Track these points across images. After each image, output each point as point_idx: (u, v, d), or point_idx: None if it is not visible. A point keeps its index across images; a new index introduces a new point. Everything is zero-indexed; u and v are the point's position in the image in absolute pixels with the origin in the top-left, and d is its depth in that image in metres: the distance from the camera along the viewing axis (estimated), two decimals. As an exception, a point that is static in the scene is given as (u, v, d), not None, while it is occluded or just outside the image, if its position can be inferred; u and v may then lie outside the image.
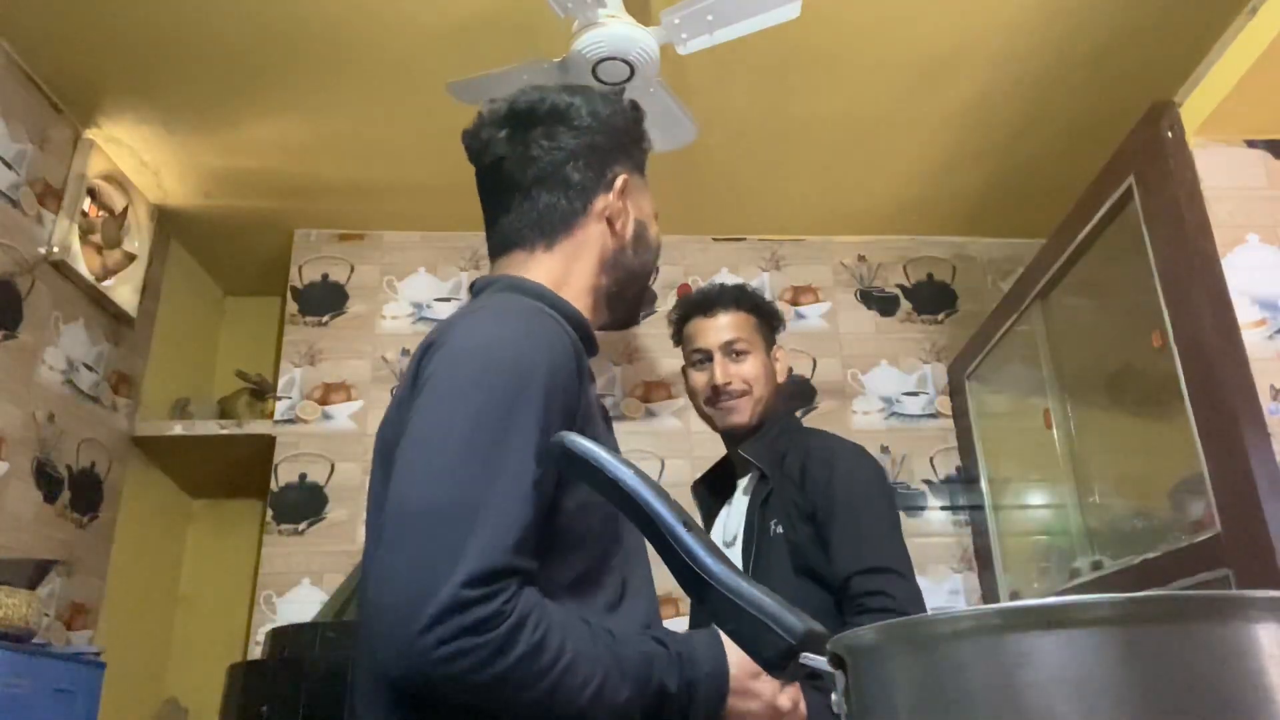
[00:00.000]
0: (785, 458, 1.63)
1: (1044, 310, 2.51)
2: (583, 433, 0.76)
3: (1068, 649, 0.38)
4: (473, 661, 0.72)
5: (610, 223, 1.05)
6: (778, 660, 0.55)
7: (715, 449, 1.85)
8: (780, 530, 1.55)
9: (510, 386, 0.82)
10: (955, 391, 3.03)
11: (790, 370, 1.72)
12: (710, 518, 1.79)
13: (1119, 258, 2.09)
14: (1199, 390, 1.75)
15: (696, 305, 1.76)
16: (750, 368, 1.69)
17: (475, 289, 1.05)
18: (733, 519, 1.69)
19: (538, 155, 1.03)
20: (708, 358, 1.70)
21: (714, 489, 1.82)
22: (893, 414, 3.05)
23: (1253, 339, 1.71)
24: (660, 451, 2.94)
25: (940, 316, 3.22)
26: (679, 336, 1.81)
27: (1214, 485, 1.70)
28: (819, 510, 1.53)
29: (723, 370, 1.68)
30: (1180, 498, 1.88)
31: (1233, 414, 1.67)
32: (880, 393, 3.07)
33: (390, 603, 0.74)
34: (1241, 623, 0.38)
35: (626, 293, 1.08)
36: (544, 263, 1.02)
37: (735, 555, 1.60)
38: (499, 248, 1.06)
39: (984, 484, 2.83)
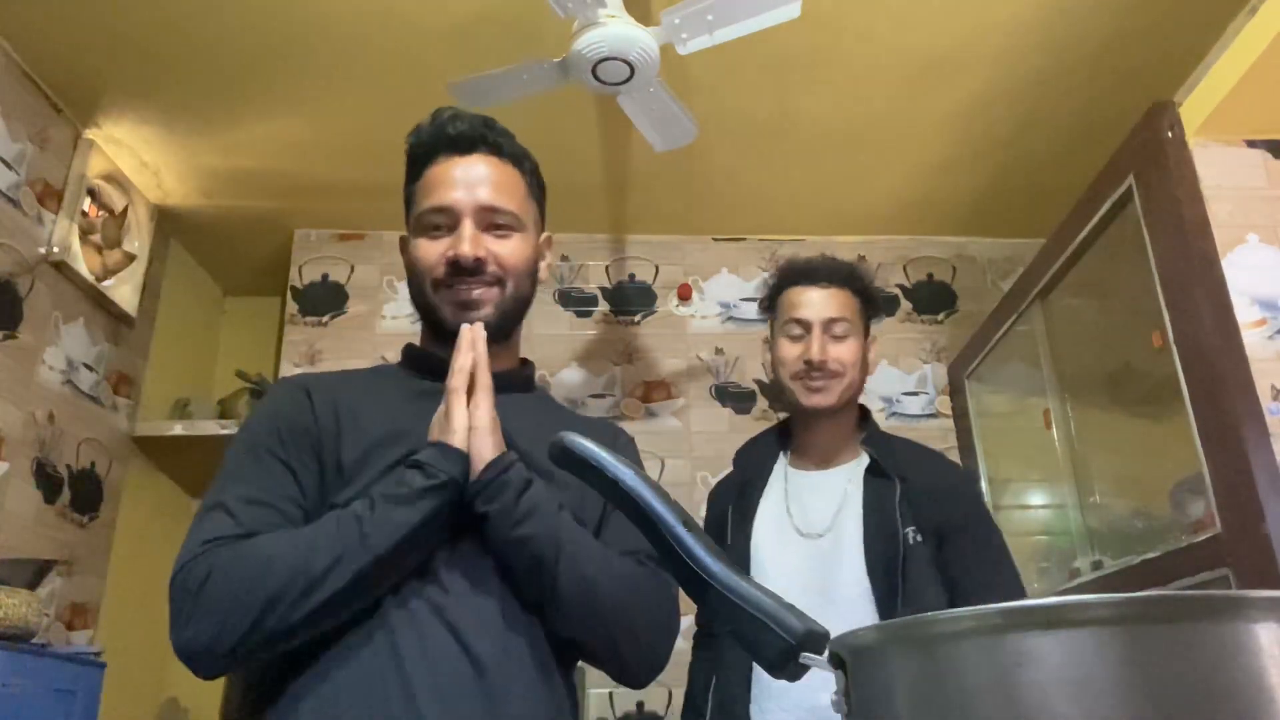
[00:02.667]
0: (895, 458, 1.52)
1: (1044, 310, 2.51)
2: (338, 430, 1.00)
3: (1068, 649, 0.38)
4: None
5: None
6: (778, 660, 0.55)
7: (715, 449, 1.85)
8: (919, 540, 1.41)
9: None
10: (955, 391, 3.03)
11: (877, 364, 1.58)
12: (747, 488, 1.62)
13: (1119, 258, 2.09)
14: (1199, 390, 1.75)
15: (803, 274, 1.62)
16: (849, 351, 1.55)
17: None
18: (816, 510, 1.52)
19: None
20: (807, 330, 1.57)
21: (752, 464, 1.67)
22: (893, 414, 3.05)
23: (1253, 339, 1.71)
24: (660, 451, 2.94)
25: (940, 316, 3.22)
26: (772, 301, 1.68)
27: (1214, 485, 1.70)
28: (944, 528, 1.43)
29: (820, 347, 1.54)
30: (1180, 498, 1.88)
31: (1233, 414, 1.66)
32: (880, 393, 3.07)
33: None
34: (1241, 623, 0.38)
35: (425, 321, 1.14)
36: None
37: (838, 550, 1.45)
38: None
39: (984, 484, 2.83)
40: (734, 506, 1.60)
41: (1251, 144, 1.88)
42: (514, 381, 1.12)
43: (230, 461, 1.00)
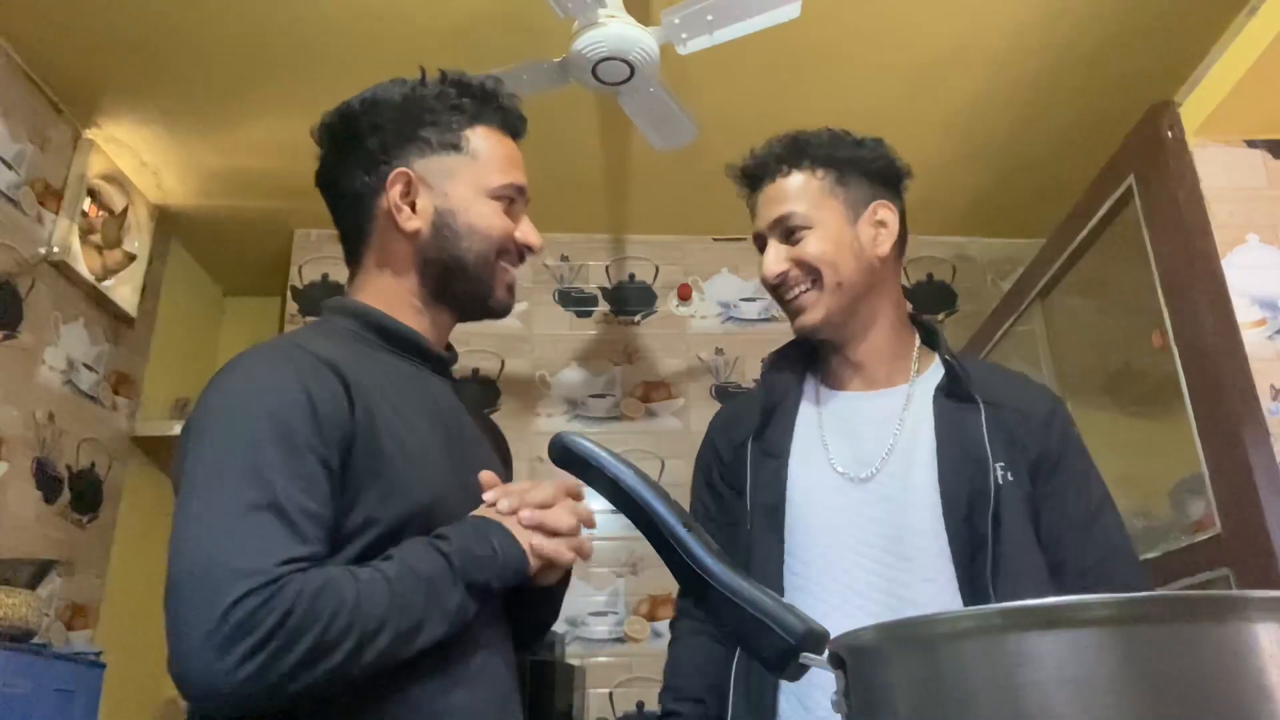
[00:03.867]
0: (974, 376, 1.20)
1: (1044, 310, 2.51)
2: (377, 444, 0.88)
3: (1068, 649, 0.38)
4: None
5: (396, 223, 1.01)
6: (778, 660, 0.55)
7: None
8: (1011, 478, 1.12)
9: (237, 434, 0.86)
10: (955, 391, 3.02)
11: (904, 237, 1.25)
12: (776, 417, 1.26)
13: (1119, 258, 2.09)
14: (1199, 390, 1.75)
15: (743, 180, 1.30)
16: (814, 243, 1.19)
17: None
18: (865, 443, 1.19)
19: (323, 171, 1.07)
20: (763, 245, 1.25)
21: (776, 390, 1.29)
22: (893, 414, 3.05)
23: (1253, 339, 1.71)
24: (660, 451, 2.94)
25: (940, 316, 3.22)
26: None
27: (1214, 485, 1.70)
28: (1039, 463, 1.14)
29: (774, 257, 1.22)
30: (1180, 498, 1.88)
31: (1233, 414, 1.66)
32: (880, 393, 3.07)
33: None
34: (1241, 623, 0.38)
35: (455, 287, 1.03)
36: (365, 280, 1.04)
37: (904, 493, 1.15)
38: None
39: (984, 484, 2.83)
40: (755, 440, 1.24)
41: (1251, 144, 1.88)
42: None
43: (262, 440, 0.82)
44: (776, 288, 1.23)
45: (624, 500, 0.64)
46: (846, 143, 1.26)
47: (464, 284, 1.03)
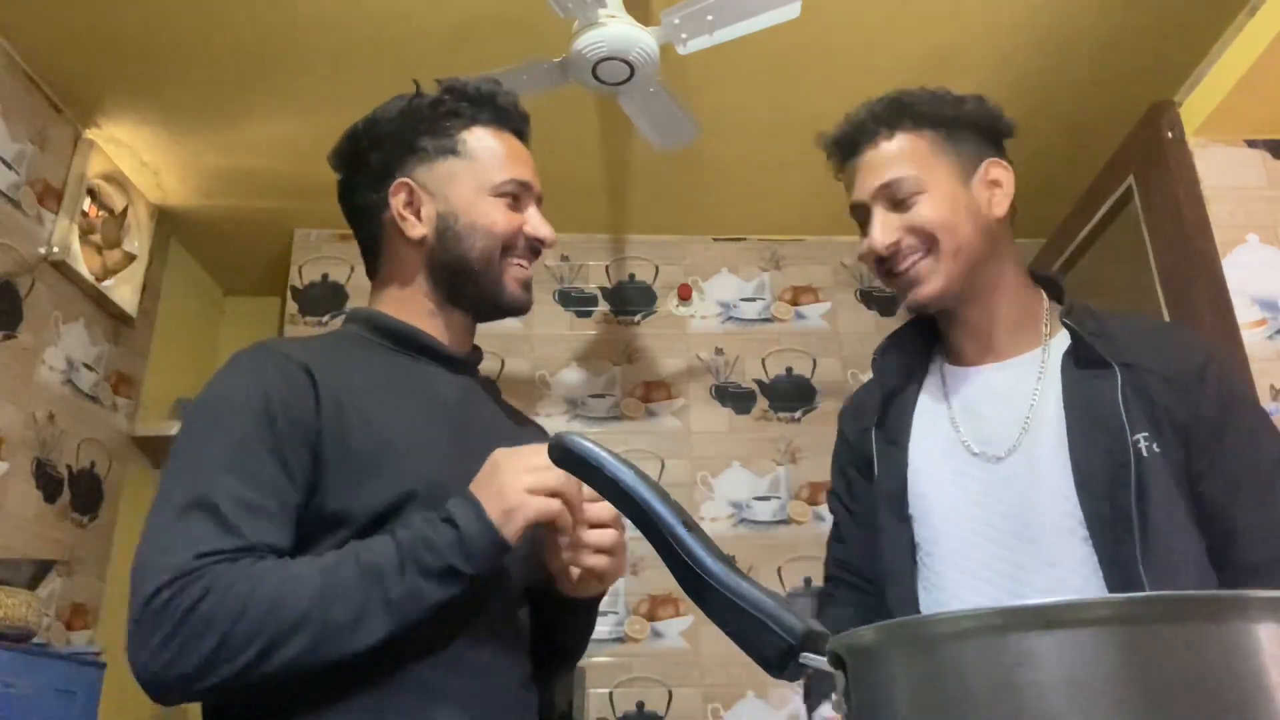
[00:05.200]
0: (1109, 336, 1.08)
1: (1044, 310, 2.51)
2: (346, 437, 0.89)
3: (1068, 649, 0.38)
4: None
5: (402, 232, 1.04)
6: (778, 660, 0.55)
7: (715, 449, 1.83)
8: (1157, 450, 1.00)
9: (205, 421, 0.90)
10: (955, 391, 3.03)
11: (1011, 205, 1.15)
12: (895, 401, 1.20)
13: (1119, 258, 2.09)
14: (1199, 390, 1.75)
15: (838, 148, 1.23)
16: (928, 208, 1.10)
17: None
18: (995, 419, 1.11)
19: (340, 194, 1.12)
20: (866, 215, 1.15)
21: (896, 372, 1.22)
22: (893, 414, 3.05)
23: (1253, 339, 1.71)
24: (660, 451, 2.94)
25: (940, 316, 3.21)
26: None
27: (1214, 485, 1.70)
28: (1192, 429, 1.02)
29: (882, 228, 1.12)
30: (1180, 498, 1.87)
31: (1233, 414, 1.66)
32: (880, 393, 3.07)
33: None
34: (1241, 623, 0.38)
35: (465, 289, 1.04)
36: (382, 290, 1.08)
37: (1033, 471, 1.06)
38: None
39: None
40: (878, 428, 1.19)
41: (1251, 144, 1.89)
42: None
43: (208, 442, 0.85)
44: (885, 260, 1.13)
45: (624, 500, 0.64)
46: (950, 99, 1.18)
47: (473, 284, 1.03)
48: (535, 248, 1.07)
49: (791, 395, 3.05)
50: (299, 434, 0.87)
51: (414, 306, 1.04)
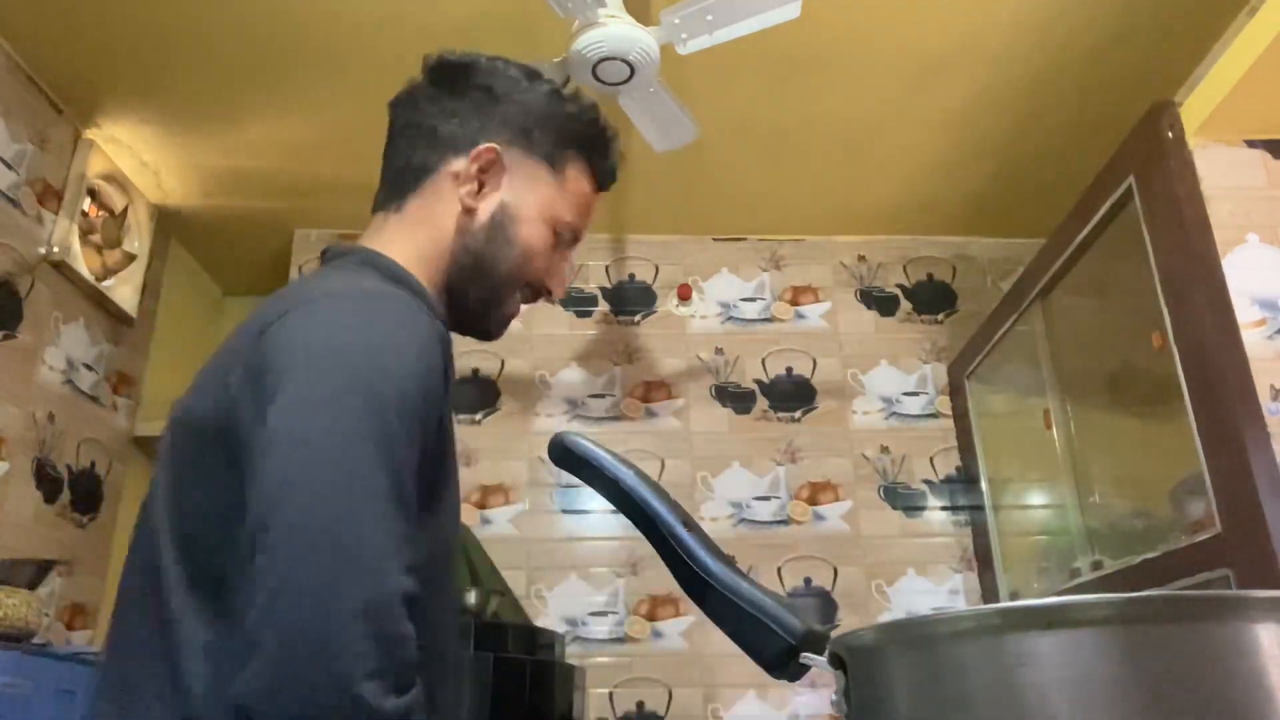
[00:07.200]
0: None
1: (1044, 310, 2.51)
2: (442, 449, 0.75)
3: (1068, 649, 0.38)
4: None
5: (457, 191, 0.93)
6: (778, 660, 0.55)
7: (715, 449, 1.83)
8: None
9: (377, 407, 0.69)
10: (955, 391, 3.03)
11: None
12: None
13: (1119, 258, 2.09)
14: (1199, 390, 1.75)
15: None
16: None
17: (327, 256, 0.93)
18: None
19: (411, 98, 0.98)
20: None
21: None
22: (893, 414, 3.05)
23: (1253, 339, 1.71)
24: (660, 451, 2.94)
25: (940, 316, 3.22)
26: None
27: (1214, 485, 1.70)
28: None
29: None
30: (1180, 498, 1.88)
31: (1233, 414, 1.66)
32: (880, 393, 3.07)
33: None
34: (1241, 623, 0.38)
35: (470, 288, 0.93)
36: (396, 231, 0.92)
37: None
38: (372, 210, 0.97)
39: (984, 484, 2.83)
40: None
41: (1251, 144, 1.88)
42: None
43: (391, 441, 0.68)
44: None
45: (624, 500, 0.64)
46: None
47: (479, 289, 0.94)
48: (541, 294, 1.00)
49: (791, 395, 3.05)
50: (420, 431, 0.73)
51: (423, 273, 0.91)
